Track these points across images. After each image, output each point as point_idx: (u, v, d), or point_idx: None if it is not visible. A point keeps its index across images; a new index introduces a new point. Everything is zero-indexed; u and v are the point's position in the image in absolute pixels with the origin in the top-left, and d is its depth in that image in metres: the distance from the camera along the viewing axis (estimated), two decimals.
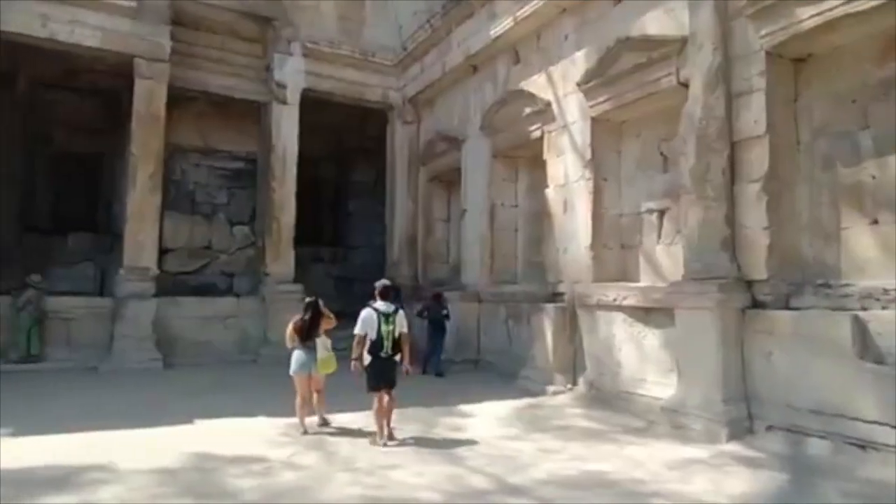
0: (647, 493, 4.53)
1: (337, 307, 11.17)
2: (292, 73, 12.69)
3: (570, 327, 8.61)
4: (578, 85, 8.71)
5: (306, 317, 6.36)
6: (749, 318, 6.12)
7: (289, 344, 6.40)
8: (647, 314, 7.31)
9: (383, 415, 5.91)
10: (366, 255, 16.94)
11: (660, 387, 6.88)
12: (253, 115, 14.38)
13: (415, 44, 12.89)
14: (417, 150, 13.80)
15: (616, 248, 8.70)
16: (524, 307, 9.80)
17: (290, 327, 6.40)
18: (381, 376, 5.90)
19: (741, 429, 5.89)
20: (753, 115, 6.36)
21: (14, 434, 5.89)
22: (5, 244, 12.52)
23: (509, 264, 11.21)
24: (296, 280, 12.34)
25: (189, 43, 12.16)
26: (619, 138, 8.84)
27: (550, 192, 9.48)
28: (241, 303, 12.07)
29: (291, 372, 6.32)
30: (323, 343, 6.26)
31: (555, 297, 9.09)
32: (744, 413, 5.99)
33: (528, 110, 9.96)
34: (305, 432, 6.14)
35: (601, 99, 8.43)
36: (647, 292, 7.38)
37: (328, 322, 6.46)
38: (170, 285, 12.37)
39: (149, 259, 11.10)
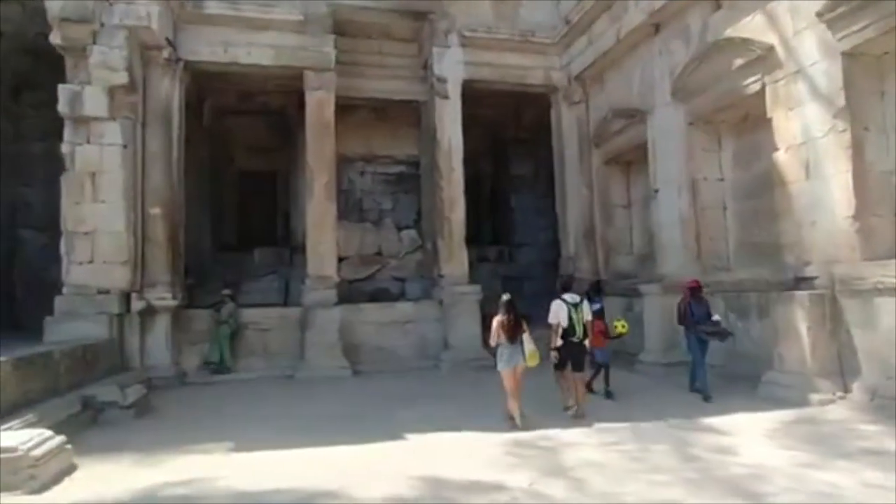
0: None
1: None
2: (451, 66, 12.14)
3: (831, 320, 6.84)
4: (819, 15, 6.95)
5: (511, 316, 6.49)
6: None
7: (493, 342, 6.60)
8: None
9: (571, 387, 6.82)
10: (531, 253, 15.98)
11: None
12: (409, 116, 14.18)
13: (580, 14, 11.68)
14: (587, 132, 12.54)
15: (888, 216, 6.78)
16: (751, 297, 8.15)
17: (495, 326, 6.54)
18: (571, 357, 6.75)
19: None
20: None
21: (236, 449, 5.72)
22: (204, 263, 13.46)
23: (719, 248, 9.54)
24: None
25: (348, 51, 12.11)
26: (880, 76, 6.91)
27: (781, 156, 7.74)
28: (418, 307, 11.69)
29: (499, 368, 6.48)
30: (528, 338, 6.45)
31: (798, 282, 7.34)
32: None
33: (739, 62, 8.31)
34: (515, 420, 6.25)
35: (856, 27, 6.62)
36: None
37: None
38: (347, 293, 12.41)
39: (329, 267, 11.13)
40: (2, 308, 12.24)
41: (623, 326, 8.00)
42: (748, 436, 5.55)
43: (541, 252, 15.87)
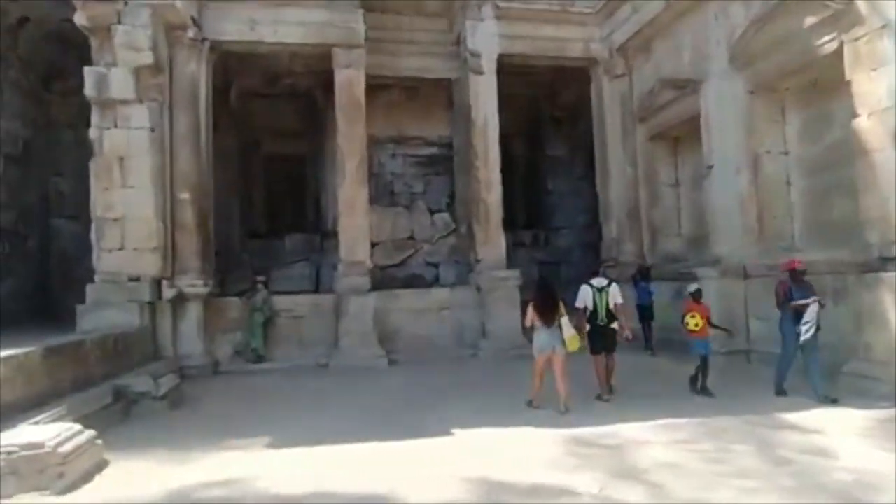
0: None
1: None
2: (486, 39, 11.51)
3: None
4: None
5: (546, 298, 6.41)
6: None
7: (527, 323, 6.55)
8: None
9: (604, 374, 6.90)
10: (569, 237, 15.36)
11: None
12: (440, 96, 13.66)
13: None
14: (631, 106, 11.81)
15: None
16: (825, 281, 7.43)
17: (530, 310, 6.44)
18: (600, 341, 6.94)
19: None
20: None
21: (272, 445, 5.35)
22: (233, 250, 13.21)
23: (783, 228, 8.82)
24: None
25: (377, 28, 11.56)
26: None
27: (863, 122, 6.97)
28: (455, 293, 11.21)
29: (535, 352, 6.39)
30: (566, 322, 6.30)
31: (884, 263, 6.61)
32: None
33: (811, 20, 7.53)
34: (531, 403, 6.37)
35: None
36: None
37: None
38: (379, 279, 12.01)
39: (362, 252, 10.71)
40: (37, 297, 12.20)
41: (696, 325, 7.08)
42: (840, 435, 4.95)
43: (579, 235, 15.25)
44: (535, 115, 15.98)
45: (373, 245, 12.82)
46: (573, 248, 15.25)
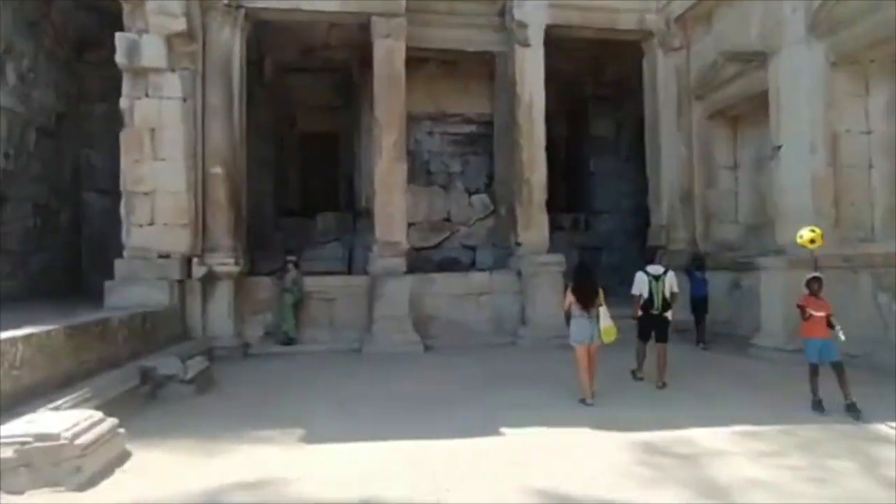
0: None
1: None
2: (533, 9, 10.78)
3: None
4: None
5: (587, 284, 6.11)
6: None
7: (564, 307, 6.30)
8: None
9: (643, 357, 6.94)
10: (612, 222, 14.62)
11: None
12: (481, 70, 13.00)
13: None
14: (687, 82, 10.98)
15: None
16: None
17: (568, 295, 6.15)
18: (651, 329, 6.88)
19: None
20: None
21: (307, 439, 4.91)
22: (265, 228, 12.87)
23: (861, 215, 8.03)
24: None
25: None
26: None
27: None
28: (494, 278, 10.65)
29: (573, 342, 6.10)
30: (605, 312, 6.01)
31: None
32: None
33: None
34: (584, 401, 5.95)
35: None
36: None
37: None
38: (414, 261, 11.53)
39: (399, 232, 10.22)
40: (68, 273, 12.08)
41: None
42: None
43: (623, 220, 14.50)
44: (577, 92, 15.17)
45: (408, 226, 12.36)
46: (616, 233, 14.51)
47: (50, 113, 11.44)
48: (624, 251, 13.95)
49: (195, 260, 9.08)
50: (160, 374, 6.52)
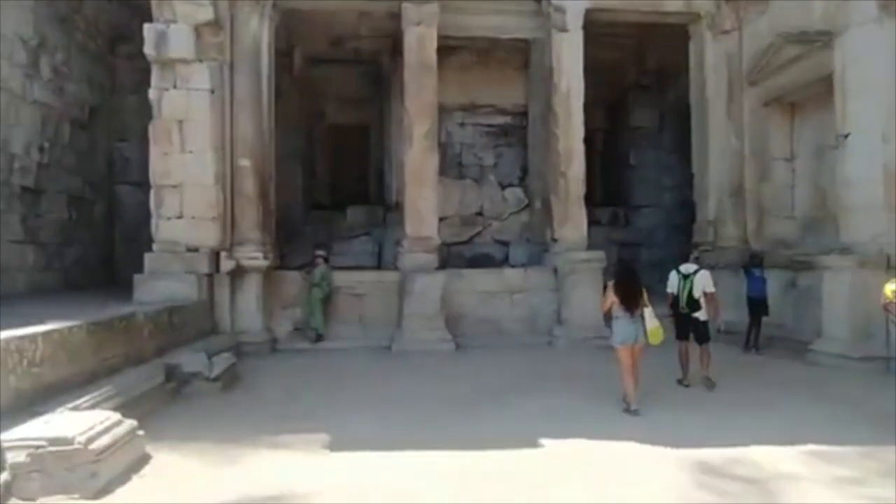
0: None
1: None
2: None
3: None
4: None
5: (630, 283, 5.73)
6: None
7: (604, 308, 6.01)
8: None
9: (686, 360, 6.66)
10: (652, 217, 14.00)
11: None
12: (515, 59, 12.58)
13: None
14: (739, 67, 10.31)
15: None
16: None
17: (610, 294, 5.77)
18: (683, 328, 6.73)
19: None
20: None
21: (333, 446, 4.63)
22: (294, 221, 12.71)
23: None
24: None
25: None
26: None
27: None
28: (529, 275, 10.23)
29: (616, 343, 5.76)
30: (650, 313, 5.66)
31: None
32: None
33: None
34: (628, 409, 5.56)
35: None
36: None
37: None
38: (444, 257, 11.20)
39: (430, 227, 9.90)
40: (102, 265, 12.14)
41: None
42: None
43: (665, 215, 13.87)
44: (617, 81, 14.55)
45: (439, 220, 12.03)
46: (657, 228, 13.89)
47: (83, 106, 11.45)
48: (665, 248, 13.31)
49: (223, 254, 8.92)
50: (185, 372, 6.35)
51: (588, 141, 12.45)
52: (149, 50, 8.76)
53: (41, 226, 10.20)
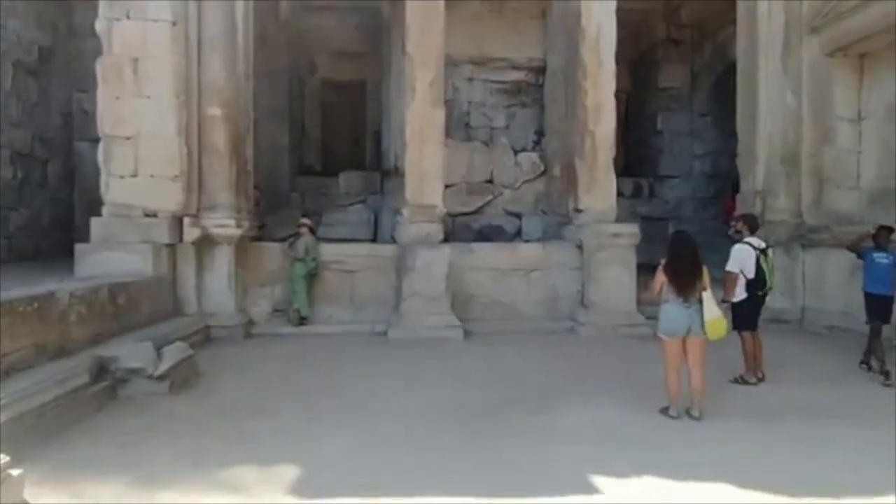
0: None
1: (643, 257, 8.34)
2: None
3: None
4: None
5: (687, 262, 4.70)
6: None
7: (654, 292, 4.93)
8: None
9: (753, 354, 5.73)
10: (681, 188, 12.56)
11: None
12: (532, 8, 10.99)
13: None
14: (799, 12, 8.75)
15: None
16: None
17: (660, 275, 4.77)
18: (756, 316, 5.84)
19: None
20: None
21: (301, 490, 3.24)
22: (280, 188, 11.22)
23: None
24: None
25: None
26: None
27: None
28: (548, 251, 8.80)
29: (662, 333, 4.75)
30: (710, 298, 4.65)
31: None
32: None
33: None
34: (667, 410, 4.61)
35: None
36: None
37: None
38: (450, 229, 9.77)
39: (434, 194, 8.44)
40: (56, 231, 10.65)
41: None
42: None
43: (694, 186, 12.45)
44: (644, 38, 13.03)
45: (444, 188, 10.56)
46: (686, 201, 12.47)
47: (31, 46, 9.84)
48: (695, 222, 11.91)
49: (188, 220, 7.46)
50: (122, 368, 4.95)
51: None
52: None
53: None
